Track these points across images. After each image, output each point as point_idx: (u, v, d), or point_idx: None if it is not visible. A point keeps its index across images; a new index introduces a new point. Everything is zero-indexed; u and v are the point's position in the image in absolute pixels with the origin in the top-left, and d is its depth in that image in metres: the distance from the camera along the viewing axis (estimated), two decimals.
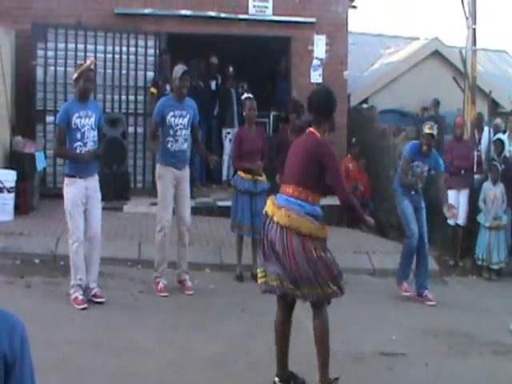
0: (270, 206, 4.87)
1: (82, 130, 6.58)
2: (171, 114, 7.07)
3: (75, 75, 6.67)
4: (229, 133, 12.05)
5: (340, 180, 4.78)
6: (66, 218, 6.68)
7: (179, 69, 7.22)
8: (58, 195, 9.99)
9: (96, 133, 6.73)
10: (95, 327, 6.13)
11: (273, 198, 4.99)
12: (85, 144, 6.61)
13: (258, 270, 5.04)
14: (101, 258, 6.90)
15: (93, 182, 6.72)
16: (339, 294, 4.83)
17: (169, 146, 7.10)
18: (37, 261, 8.02)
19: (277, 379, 5.07)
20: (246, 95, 8.24)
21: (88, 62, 6.84)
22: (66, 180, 6.66)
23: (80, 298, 6.57)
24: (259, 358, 5.69)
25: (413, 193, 8.04)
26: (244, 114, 8.23)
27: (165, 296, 6.99)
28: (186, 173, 7.30)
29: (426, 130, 7.91)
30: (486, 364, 6.09)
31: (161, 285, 7.09)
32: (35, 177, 9.89)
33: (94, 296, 6.75)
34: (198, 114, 7.26)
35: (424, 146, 7.91)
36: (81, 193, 6.58)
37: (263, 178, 8.14)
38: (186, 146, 7.27)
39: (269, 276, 4.85)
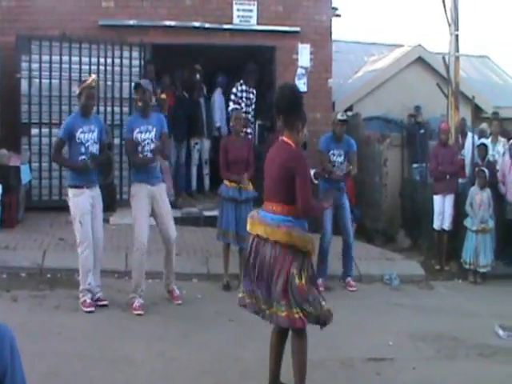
0: (255, 225, 4.81)
1: (86, 145, 6.87)
2: (137, 130, 7.07)
3: (77, 91, 6.95)
4: (197, 143, 12.03)
5: (304, 190, 4.64)
6: (74, 228, 6.92)
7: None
8: (44, 208, 10.05)
9: (98, 146, 6.99)
10: (83, 339, 6.12)
11: (254, 215, 4.92)
12: (88, 158, 6.87)
13: (241, 285, 5.02)
14: None
15: (97, 192, 7.03)
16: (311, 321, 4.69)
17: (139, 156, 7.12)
18: (23, 274, 8.00)
19: None
20: (232, 106, 8.32)
21: (90, 79, 7.00)
22: (73, 191, 6.89)
23: (88, 301, 6.86)
24: (248, 367, 5.71)
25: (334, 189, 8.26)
26: (231, 124, 8.29)
27: (139, 314, 6.86)
28: (161, 188, 7.25)
29: (338, 117, 8.51)
30: (472, 367, 6.13)
31: (136, 303, 6.95)
32: (20, 190, 9.86)
33: (98, 300, 7.00)
34: (183, 125, 7.30)
35: (337, 133, 8.46)
36: (88, 202, 6.87)
37: (249, 186, 8.19)
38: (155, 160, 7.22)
39: (247, 293, 4.88)
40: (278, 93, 4.97)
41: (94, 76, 7.28)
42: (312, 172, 7.56)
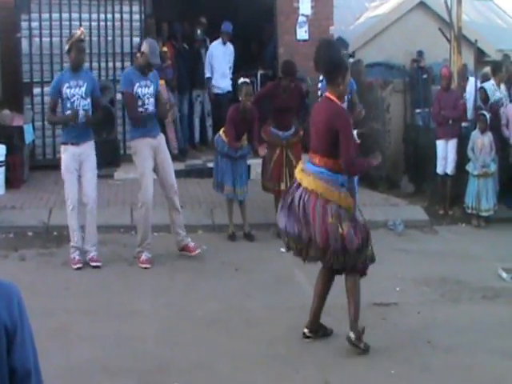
0: (299, 173, 5.11)
1: (72, 100, 6.82)
2: (137, 84, 6.99)
3: (67, 46, 6.91)
4: (199, 95, 11.96)
5: (348, 147, 4.87)
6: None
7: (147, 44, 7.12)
8: (48, 167, 10.10)
9: (87, 101, 6.90)
10: (91, 294, 6.24)
11: (301, 165, 5.24)
12: (76, 111, 6.82)
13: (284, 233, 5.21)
14: None
15: (86, 148, 6.93)
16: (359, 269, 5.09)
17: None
18: (30, 233, 8.08)
19: (306, 330, 5.28)
20: (242, 80, 8.20)
21: (78, 32, 6.96)
22: (62, 147, 6.98)
23: (76, 258, 6.89)
24: (254, 315, 5.83)
25: None
26: (240, 98, 8.13)
27: (146, 268, 6.95)
28: (162, 139, 7.28)
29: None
30: (476, 309, 6.23)
31: (144, 257, 7.02)
32: (24, 150, 9.89)
33: (91, 260, 6.96)
34: (184, 77, 7.33)
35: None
36: (73, 159, 6.83)
37: (244, 143, 8.19)
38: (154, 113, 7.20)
39: (290, 237, 5.09)
40: (316, 50, 5.13)
41: (82, 29, 7.24)
42: (355, 132, 7.54)
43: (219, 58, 11.54)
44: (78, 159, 6.85)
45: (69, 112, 6.84)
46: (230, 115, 8.13)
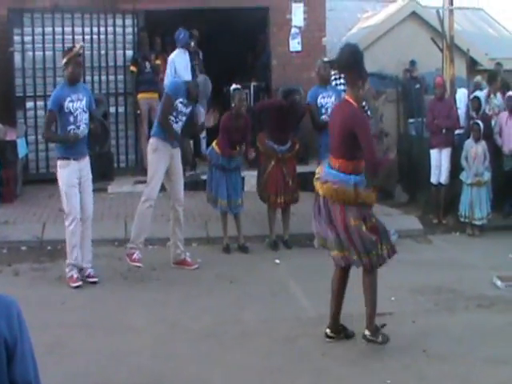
0: (315, 182, 5.23)
1: (75, 114, 6.73)
2: (180, 100, 7.14)
3: (64, 60, 6.78)
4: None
5: (370, 146, 4.98)
6: (61, 200, 6.85)
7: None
8: (42, 181, 10.09)
9: (87, 115, 6.86)
10: (86, 309, 6.22)
11: (317, 174, 5.29)
12: (78, 127, 6.76)
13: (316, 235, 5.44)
14: None
15: (85, 164, 6.89)
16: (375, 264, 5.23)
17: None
18: (24, 248, 8.08)
19: (328, 331, 5.40)
20: (234, 86, 8.22)
21: (77, 46, 6.90)
22: (60, 162, 6.80)
23: (75, 276, 6.77)
24: (249, 327, 5.81)
25: None
26: (232, 104, 8.14)
27: (138, 266, 7.00)
28: (178, 151, 7.42)
29: (323, 59, 8.60)
30: (471, 318, 6.22)
31: (135, 256, 7.03)
32: (18, 164, 9.87)
33: (88, 276, 6.89)
34: None
35: (323, 75, 8.43)
36: (75, 174, 6.75)
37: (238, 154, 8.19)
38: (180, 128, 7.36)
39: (328, 242, 5.25)
40: (339, 52, 5.29)
41: (81, 43, 7.24)
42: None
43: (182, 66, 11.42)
44: (78, 174, 6.79)
45: (72, 127, 6.73)
46: (223, 123, 8.14)
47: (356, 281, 5.38)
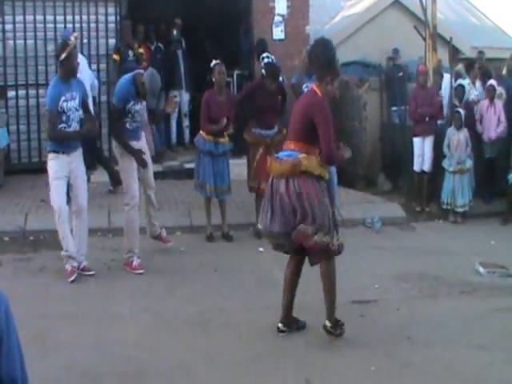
0: (273, 166, 5.16)
1: (68, 114, 6.60)
2: (132, 102, 6.96)
3: (64, 55, 6.50)
4: (175, 96, 11.95)
5: (326, 136, 4.98)
6: (50, 192, 6.72)
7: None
8: (24, 171, 10.02)
9: (80, 112, 6.74)
10: (70, 299, 6.18)
11: (274, 157, 5.32)
12: (69, 126, 6.64)
13: (263, 232, 5.41)
14: None
15: (76, 156, 6.77)
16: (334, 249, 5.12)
17: (127, 125, 7.03)
18: (6, 238, 8.00)
19: (281, 325, 5.39)
20: (214, 62, 8.21)
21: (72, 39, 6.69)
22: (50, 155, 6.70)
23: (70, 268, 6.64)
24: (233, 316, 5.82)
25: None
26: (213, 79, 8.17)
27: (141, 273, 6.89)
28: (144, 142, 7.33)
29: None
30: (454, 304, 6.28)
31: (135, 263, 6.97)
32: None
33: (83, 270, 6.79)
34: (160, 78, 7.36)
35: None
36: (63, 166, 6.63)
37: (225, 139, 8.19)
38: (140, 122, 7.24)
39: (276, 237, 5.21)
40: (312, 45, 5.37)
41: (75, 34, 7.08)
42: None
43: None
44: (68, 167, 6.67)
45: (62, 126, 6.58)
46: (204, 98, 8.18)
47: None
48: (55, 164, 6.65)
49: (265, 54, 8.84)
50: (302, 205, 5.00)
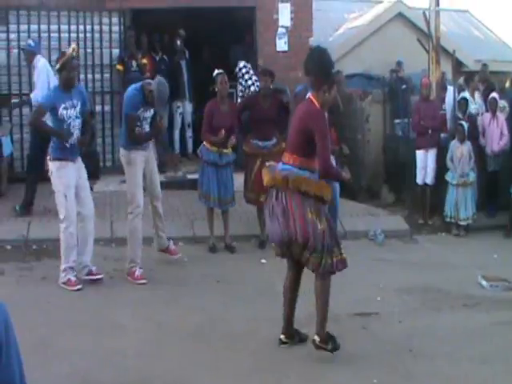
0: (268, 177, 5.10)
1: (68, 122, 6.60)
2: (141, 109, 7.01)
3: (58, 66, 6.60)
4: (179, 107, 12.00)
5: (323, 151, 4.91)
6: (57, 202, 6.66)
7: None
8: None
9: (81, 120, 6.73)
10: (71, 308, 6.17)
11: (269, 167, 5.24)
12: (71, 134, 6.65)
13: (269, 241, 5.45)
14: None
15: (80, 163, 6.80)
16: (333, 267, 5.04)
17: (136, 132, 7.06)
18: (9, 247, 8.01)
19: (283, 336, 5.34)
20: (216, 71, 8.25)
21: (70, 49, 6.75)
22: (57, 164, 6.62)
23: (73, 279, 6.62)
24: (236, 327, 5.80)
25: None
26: (216, 89, 8.20)
27: (143, 283, 6.88)
28: (151, 151, 7.33)
29: None
30: (457, 317, 6.26)
31: (137, 273, 6.96)
32: (2, 162, 9.80)
33: (91, 274, 6.79)
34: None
35: None
36: (73, 175, 6.63)
37: (228, 150, 8.21)
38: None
39: (278, 245, 5.17)
40: (307, 55, 5.26)
41: (73, 45, 7.11)
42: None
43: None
44: (76, 175, 6.68)
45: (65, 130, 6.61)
46: (206, 107, 8.21)
47: (332, 279, 5.36)
48: (65, 173, 6.61)
49: (241, 64, 8.84)
50: (287, 219, 4.95)
